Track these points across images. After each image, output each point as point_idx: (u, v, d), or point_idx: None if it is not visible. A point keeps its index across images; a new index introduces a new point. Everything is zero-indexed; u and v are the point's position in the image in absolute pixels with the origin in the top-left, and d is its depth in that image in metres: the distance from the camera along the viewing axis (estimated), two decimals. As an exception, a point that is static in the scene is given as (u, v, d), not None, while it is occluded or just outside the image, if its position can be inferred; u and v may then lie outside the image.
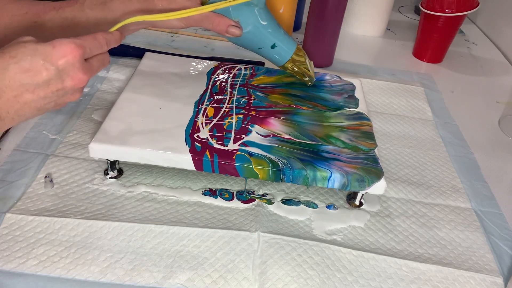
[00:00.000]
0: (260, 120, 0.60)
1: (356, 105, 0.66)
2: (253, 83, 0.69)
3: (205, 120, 0.59)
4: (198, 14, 0.55)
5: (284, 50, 0.63)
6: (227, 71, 0.71)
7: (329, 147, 0.57)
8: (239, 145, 0.55)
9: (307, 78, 0.67)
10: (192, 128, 0.57)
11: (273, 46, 0.62)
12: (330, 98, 0.67)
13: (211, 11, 0.55)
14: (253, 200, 0.57)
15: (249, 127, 0.59)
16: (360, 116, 0.64)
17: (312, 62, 0.67)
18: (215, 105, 0.63)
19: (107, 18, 0.54)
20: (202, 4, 0.56)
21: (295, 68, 0.65)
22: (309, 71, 0.66)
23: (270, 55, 0.64)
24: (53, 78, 0.41)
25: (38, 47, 0.40)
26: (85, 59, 0.43)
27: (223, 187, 0.58)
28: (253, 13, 0.59)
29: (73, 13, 0.53)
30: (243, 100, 0.64)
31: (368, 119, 0.64)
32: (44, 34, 0.51)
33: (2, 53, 0.40)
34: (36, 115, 0.44)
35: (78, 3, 0.53)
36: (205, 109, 0.61)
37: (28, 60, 0.40)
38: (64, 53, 0.41)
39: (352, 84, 0.71)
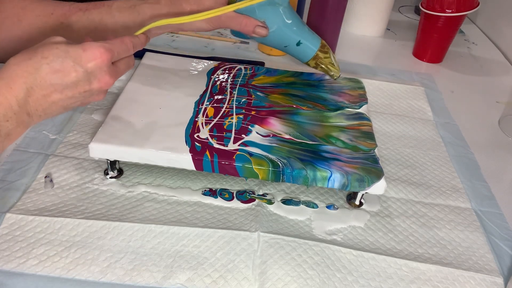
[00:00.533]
0: (260, 120, 0.60)
1: (361, 106, 0.66)
2: (253, 83, 0.69)
3: (205, 120, 0.59)
4: (224, 16, 0.56)
5: (309, 47, 0.64)
6: (227, 71, 0.71)
7: (329, 147, 0.57)
8: (239, 145, 0.56)
9: (332, 73, 0.68)
10: (192, 128, 0.57)
11: (298, 44, 0.63)
12: (330, 98, 0.67)
13: (236, 11, 0.56)
14: (253, 200, 0.57)
15: (249, 127, 0.59)
16: (360, 116, 0.64)
17: (336, 57, 0.68)
18: (215, 105, 0.63)
19: (135, 21, 0.55)
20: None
21: (320, 64, 0.66)
22: (334, 66, 0.67)
23: (296, 52, 0.65)
24: (82, 80, 0.43)
25: (69, 49, 0.42)
26: (112, 62, 0.45)
27: (223, 187, 0.58)
28: (278, 12, 0.60)
29: (100, 15, 0.54)
30: (243, 100, 0.64)
31: (368, 119, 0.64)
32: (70, 35, 0.52)
33: (34, 52, 0.41)
34: (61, 113, 0.45)
35: (106, 6, 0.55)
36: (205, 109, 0.61)
37: (59, 62, 0.41)
38: (94, 56, 0.42)
39: (360, 81, 0.72)
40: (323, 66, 0.66)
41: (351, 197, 0.58)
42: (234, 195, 0.57)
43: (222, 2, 0.57)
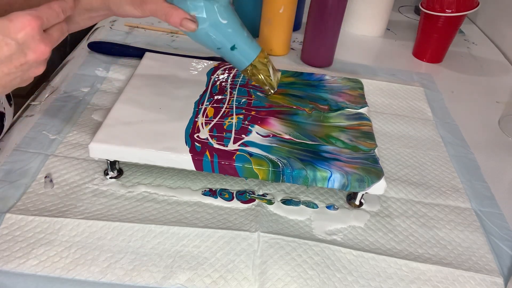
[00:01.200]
0: (260, 120, 0.60)
1: (362, 106, 0.66)
2: (253, 83, 0.68)
3: (205, 120, 0.59)
4: (151, 2, 0.52)
5: (245, 54, 0.59)
6: (227, 71, 0.71)
7: (329, 147, 0.57)
8: (239, 145, 0.55)
9: (267, 87, 0.64)
10: (192, 128, 0.57)
11: (232, 48, 0.58)
12: (330, 98, 0.67)
13: (167, 1, 0.53)
14: (253, 200, 0.57)
15: (249, 127, 0.59)
16: (360, 116, 0.64)
17: (279, 73, 0.64)
18: (215, 105, 0.63)
19: None
20: None
21: (255, 75, 0.62)
22: (270, 79, 0.63)
23: (230, 57, 0.60)
24: (15, 53, 0.40)
25: None
26: (44, 30, 0.42)
27: (223, 187, 0.58)
28: (212, 9, 0.55)
29: None
30: (243, 100, 0.64)
31: (368, 119, 0.64)
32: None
33: None
34: (3, 93, 0.43)
35: None
36: (205, 109, 0.61)
37: None
38: (22, 25, 0.40)
39: (360, 82, 0.72)
40: (258, 77, 0.62)
41: (351, 197, 0.58)
42: (234, 195, 0.57)
43: None
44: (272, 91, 0.65)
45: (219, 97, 0.64)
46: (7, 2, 0.51)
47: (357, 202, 0.58)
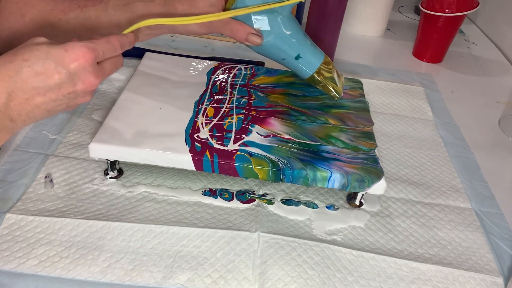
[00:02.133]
0: (261, 120, 0.60)
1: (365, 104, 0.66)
2: (254, 83, 0.69)
3: (205, 120, 0.59)
4: (218, 20, 0.53)
5: (309, 62, 0.60)
6: (227, 71, 0.71)
7: (329, 147, 0.57)
8: (239, 145, 0.55)
9: (333, 93, 0.63)
10: (192, 128, 0.57)
11: (297, 57, 0.59)
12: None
13: (232, 17, 0.54)
14: (253, 200, 0.57)
15: (250, 127, 0.59)
16: (361, 100, 0.64)
17: (343, 76, 0.64)
18: (215, 105, 0.63)
19: (129, 19, 0.53)
20: (225, 10, 0.55)
21: (321, 82, 0.62)
22: (336, 85, 0.63)
23: (295, 66, 0.60)
24: (65, 82, 0.41)
25: (50, 50, 0.40)
26: (98, 62, 0.44)
27: (223, 187, 0.58)
28: (276, 22, 0.56)
29: (96, 13, 0.53)
30: (244, 100, 0.64)
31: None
32: (67, 32, 0.51)
33: (15, 55, 0.40)
34: (47, 117, 0.44)
35: (103, 3, 0.53)
36: (205, 109, 0.61)
37: (40, 63, 0.40)
38: (76, 57, 0.41)
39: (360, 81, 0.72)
40: (324, 84, 0.62)
41: (351, 197, 0.58)
42: (234, 195, 0.57)
43: (217, 6, 0.55)
44: (338, 96, 0.64)
45: (219, 97, 0.64)
46: (62, 9, 0.52)
47: (357, 202, 0.58)
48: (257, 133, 0.58)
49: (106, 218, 0.52)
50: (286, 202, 0.57)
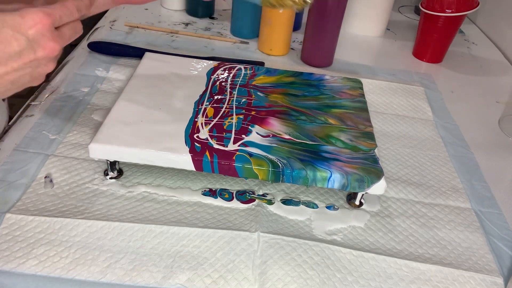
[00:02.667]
0: (260, 120, 0.60)
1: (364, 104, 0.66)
2: (254, 83, 0.69)
3: (205, 120, 0.59)
4: None
5: None
6: (226, 71, 0.71)
7: (329, 147, 0.57)
8: (239, 146, 0.55)
9: (298, 5, 0.53)
10: (191, 128, 0.57)
11: None
12: (331, 97, 0.67)
13: None
14: (253, 200, 0.57)
15: (249, 127, 0.59)
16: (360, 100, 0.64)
17: None
18: (214, 105, 0.63)
19: None
20: None
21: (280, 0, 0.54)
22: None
23: None
24: (25, 49, 0.40)
25: (6, 18, 0.39)
26: (56, 28, 0.42)
27: (223, 187, 0.58)
28: None
29: None
30: (244, 100, 0.64)
31: (360, 82, 0.64)
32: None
33: None
34: (12, 90, 0.42)
35: None
36: (205, 109, 0.61)
37: None
38: (34, 22, 0.40)
39: (359, 81, 0.72)
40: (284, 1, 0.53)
41: (351, 197, 0.58)
42: (234, 195, 0.57)
43: None
44: (305, 3, 0.54)
45: (219, 97, 0.64)
46: None
47: (357, 202, 0.58)
48: (257, 133, 0.58)
49: (106, 218, 0.52)
50: (286, 202, 0.57)
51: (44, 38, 0.41)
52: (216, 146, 0.55)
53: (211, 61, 0.74)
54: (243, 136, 0.57)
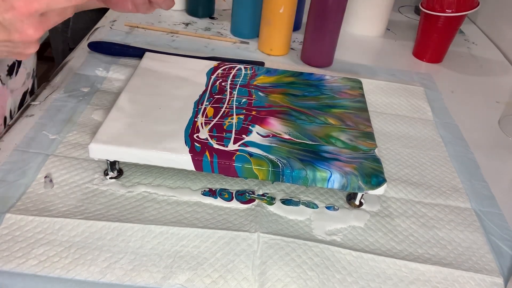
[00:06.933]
0: (260, 120, 0.60)
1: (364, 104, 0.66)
2: (255, 83, 0.68)
3: (205, 120, 0.59)
4: None
5: None
6: (226, 71, 0.71)
7: (329, 147, 0.57)
8: (239, 146, 0.55)
9: None
10: (191, 128, 0.57)
11: None
12: (332, 96, 0.67)
13: None
14: (253, 200, 0.57)
15: (250, 127, 0.59)
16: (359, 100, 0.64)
17: None
18: (214, 105, 0.63)
19: None
20: None
21: None
22: None
23: None
24: None
25: None
26: (43, 13, 0.41)
27: (223, 187, 0.58)
28: None
29: None
30: (244, 100, 0.64)
31: (359, 81, 0.64)
32: None
33: None
34: None
35: None
36: (205, 109, 0.61)
37: None
38: (11, 6, 0.39)
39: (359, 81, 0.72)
40: None
41: (351, 197, 0.58)
42: (234, 195, 0.57)
43: None
44: None
45: (219, 97, 0.64)
46: None
47: (357, 202, 0.58)
48: (257, 133, 0.58)
49: (106, 218, 0.52)
50: (286, 202, 0.57)
51: (22, 23, 0.40)
52: (216, 146, 0.55)
53: (211, 61, 0.74)
54: (244, 136, 0.57)
